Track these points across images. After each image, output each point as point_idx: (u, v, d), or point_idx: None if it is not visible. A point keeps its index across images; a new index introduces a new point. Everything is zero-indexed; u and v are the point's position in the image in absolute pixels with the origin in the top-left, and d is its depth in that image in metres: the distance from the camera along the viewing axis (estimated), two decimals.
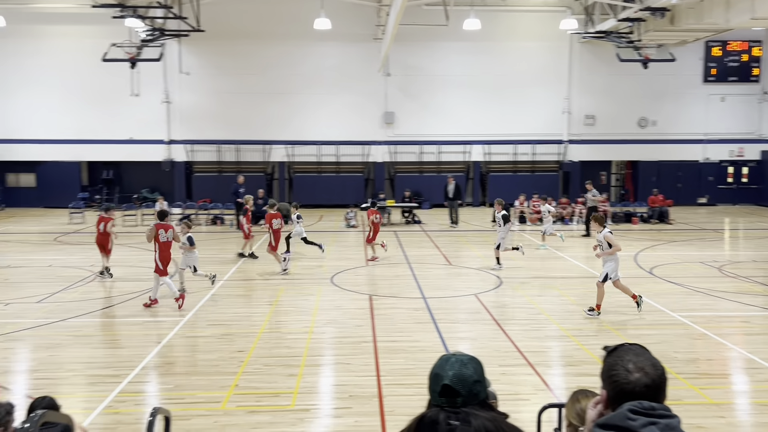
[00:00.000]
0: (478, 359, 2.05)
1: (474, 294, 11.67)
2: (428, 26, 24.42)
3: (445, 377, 1.93)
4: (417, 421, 1.87)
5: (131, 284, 12.48)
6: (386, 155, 27.24)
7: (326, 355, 8.50)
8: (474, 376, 1.96)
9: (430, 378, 1.96)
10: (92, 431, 5.95)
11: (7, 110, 25.96)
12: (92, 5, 19.57)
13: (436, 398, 1.93)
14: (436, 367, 1.98)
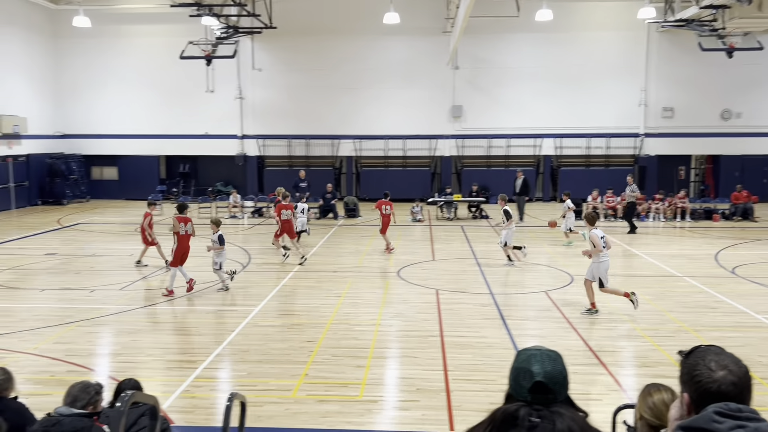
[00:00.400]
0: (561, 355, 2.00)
1: (544, 291, 11.45)
2: (498, 18, 24.06)
3: (537, 373, 1.86)
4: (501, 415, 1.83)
5: (206, 274, 12.93)
6: (453, 149, 27.06)
7: (393, 347, 8.55)
8: (563, 372, 1.91)
9: (518, 373, 1.90)
10: (170, 414, 6.22)
11: (92, 107, 27.39)
12: (171, 5, 20.33)
13: (523, 394, 1.87)
14: (522, 361, 1.93)
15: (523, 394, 1.88)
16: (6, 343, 8.52)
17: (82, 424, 3.52)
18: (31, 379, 7.12)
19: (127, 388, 3.87)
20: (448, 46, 25.29)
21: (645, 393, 3.31)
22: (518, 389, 1.89)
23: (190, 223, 11.50)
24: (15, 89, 24.49)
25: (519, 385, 1.89)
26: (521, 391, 1.88)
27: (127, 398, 2.37)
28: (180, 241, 11.35)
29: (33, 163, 25.37)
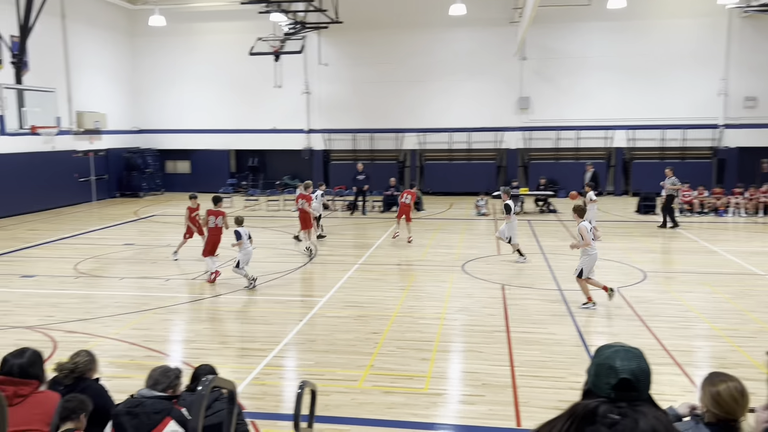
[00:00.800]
0: None
1: (614, 287, 11.09)
2: (568, 6, 23.47)
3: (621, 370, 1.80)
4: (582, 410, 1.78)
5: (276, 265, 13.26)
6: (520, 142, 26.58)
7: (458, 341, 8.50)
8: (648, 370, 1.84)
9: (600, 369, 1.84)
10: (241, 400, 6.41)
11: (166, 103, 28.47)
12: (241, 2, 20.87)
13: (606, 391, 1.82)
14: (605, 358, 1.86)
15: (605, 391, 1.82)
16: (89, 328, 9.00)
17: (163, 406, 3.68)
18: (113, 363, 7.48)
19: (203, 374, 4.02)
20: (516, 37, 24.82)
21: (708, 383, 3.19)
22: (600, 386, 1.83)
23: (221, 216, 11.75)
24: (96, 87, 25.74)
25: (601, 382, 1.83)
26: (604, 388, 1.82)
27: (208, 382, 2.46)
28: (209, 232, 11.81)
29: (112, 157, 26.62)
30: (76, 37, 24.29)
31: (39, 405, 3.58)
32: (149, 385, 3.93)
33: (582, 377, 1.93)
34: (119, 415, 3.66)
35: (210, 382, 2.48)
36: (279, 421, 6.08)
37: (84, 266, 13.24)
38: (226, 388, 2.84)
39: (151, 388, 3.89)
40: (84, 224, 19.38)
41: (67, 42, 23.80)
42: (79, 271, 12.82)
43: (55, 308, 10.06)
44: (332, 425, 5.95)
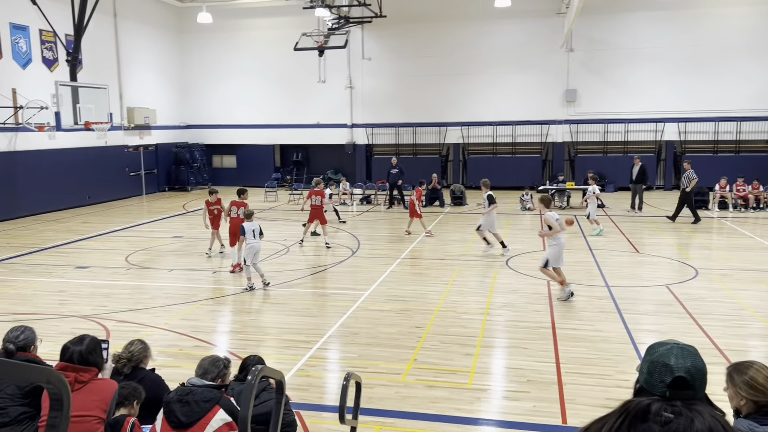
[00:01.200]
0: None
1: (664, 284, 10.82)
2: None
3: (677, 368, 1.76)
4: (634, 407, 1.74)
5: (320, 258, 13.39)
6: (567, 135, 26.12)
7: (502, 337, 8.43)
8: (704, 368, 1.79)
9: (654, 367, 1.80)
10: (287, 391, 6.50)
11: (213, 98, 29.01)
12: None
13: (660, 389, 1.77)
14: (658, 355, 1.82)
15: (659, 390, 1.77)
16: (140, 318, 9.27)
17: (212, 395, 3.76)
18: (163, 352, 7.69)
19: (252, 364, 4.10)
20: (562, 28, 24.37)
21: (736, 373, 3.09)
22: (654, 384, 1.79)
23: (243, 207, 12.15)
24: (145, 83, 26.42)
25: (655, 380, 1.79)
26: (658, 386, 1.78)
27: (258, 372, 2.50)
28: (231, 223, 12.35)
29: (161, 152, 27.30)
30: (127, 35, 24.97)
31: (97, 391, 3.71)
32: (199, 374, 4.03)
33: (630, 375, 1.89)
34: (170, 402, 3.76)
35: (259, 371, 2.53)
36: (323, 413, 6.14)
37: (134, 258, 13.64)
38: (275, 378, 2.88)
39: (200, 377, 3.99)
40: (134, 217, 19.96)
41: (119, 40, 24.49)
42: (130, 262, 13.21)
43: (107, 298, 10.40)
44: (376, 418, 5.98)
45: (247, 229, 10.71)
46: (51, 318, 9.33)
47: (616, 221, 17.97)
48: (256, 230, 10.72)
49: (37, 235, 16.60)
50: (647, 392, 1.79)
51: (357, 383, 4.45)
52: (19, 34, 19.70)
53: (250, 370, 2.59)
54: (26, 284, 11.40)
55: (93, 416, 3.63)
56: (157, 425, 3.84)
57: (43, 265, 12.96)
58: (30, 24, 19.80)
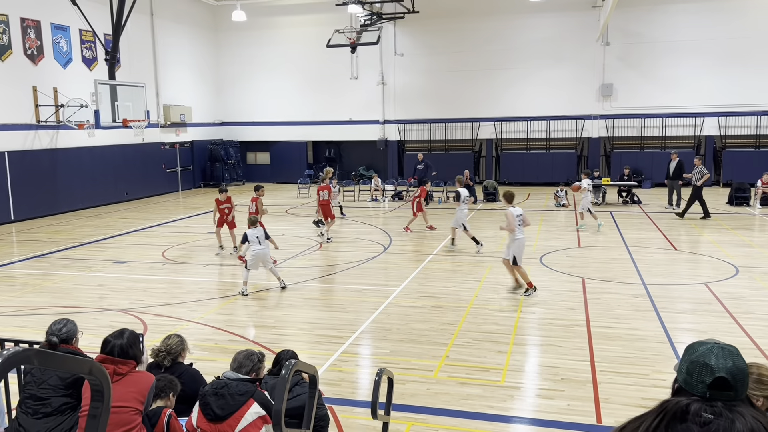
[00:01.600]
0: None
1: (703, 283, 10.58)
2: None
3: (717, 369, 1.71)
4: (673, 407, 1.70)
5: (352, 254, 13.45)
6: (602, 130, 25.69)
7: (536, 335, 8.34)
8: (745, 369, 1.74)
9: (693, 367, 1.75)
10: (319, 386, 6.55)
11: (247, 96, 29.34)
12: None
13: (700, 389, 1.73)
14: (698, 355, 1.78)
15: (699, 390, 1.73)
16: (176, 312, 9.44)
17: (247, 388, 3.82)
18: (198, 346, 7.82)
19: (285, 358, 4.14)
20: (598, 22, 23.97)
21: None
22: (693, 384, 1.74)
23: (254, 202, 13.05)
24: (181, 81, 26.86)
25: (694, 380, 1.75)
26: (698, 386, 1.74)
27: (291, 366, 2.52)
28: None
29: (196, 149, 27.73)
30: (163, 34, 25.40)
31: (135, 383, 3.80)
32: (234, 368, 4.08)
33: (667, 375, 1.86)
34: (206, 395, 3.83)
35: (293, 366, 2.55)
36: (356, 408, 6.17)
37: (171, 253, 13.89)
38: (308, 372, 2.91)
39: (235, 371, 4.04)
40: (171, 213, 20.32)
41: (155, 38, 24.93)
42: (166, 257, 13.47)
43: (144, 293, 10.61)
44: (408, 414, 5.98)
45: (251, 237, 10.45)
46: (90, 311, 9.57)
47: (653, 218, 17.61)
48: (260, 236, 10.47)
49: (77, 231, 17.04)
50: (686, 392, 1.75)
51: (389, 379, 4.45)
52: (60, 34, 20.23)
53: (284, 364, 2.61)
54: (67, 278, 11.72)
55: (130, 407, 3.71)
56: (193, 417, 3.91)
57: (82, 260, 13.30)
58: (70, 24, 20.31)
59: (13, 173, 18.36)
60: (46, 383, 3.95)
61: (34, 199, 19.12)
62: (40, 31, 19.38)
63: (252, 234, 10.47)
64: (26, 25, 18.90)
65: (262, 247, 10.45)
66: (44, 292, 10.73)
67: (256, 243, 10.42)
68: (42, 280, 11.62)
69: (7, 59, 18.26)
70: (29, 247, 14.80)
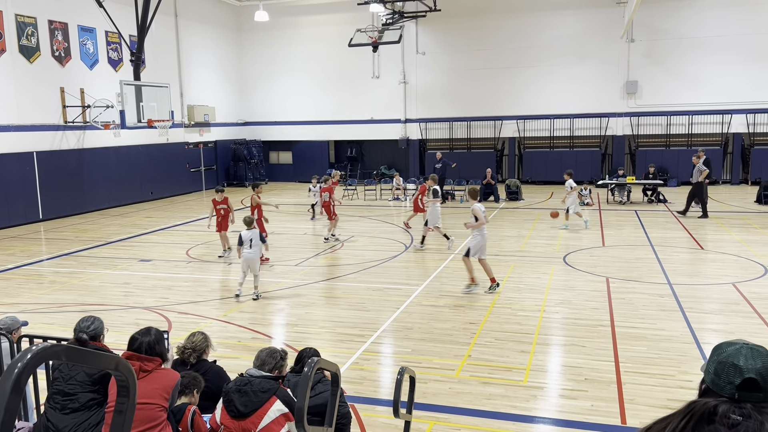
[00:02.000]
0: None
1: (731, 282, 10.39)
2: None
3: (747, 369, 1.67)
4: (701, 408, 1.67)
5: (373, 253, 13.46)
6: (627, 128, 25.37)
7: (559, 335, 8.27)
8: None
9: (721, 367, 1.72)
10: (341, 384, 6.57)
11: (269, 95, 29.52)
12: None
13: (729, 390, 1.70)
14: (727, 355, 1.74)
15: (727, 391, 1.69)
16: (200, 310, 9.54)
17: (269, 386, 3.84)
18: (222, 344, 7.89)
19: (308, 356, 4.16)
20: (622, 18, 23.66)
21: None
22: (721, 385, 1.71)
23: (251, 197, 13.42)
24: (205, 81, 27.13)
25: (722, 381, 1.71)
26: (726, 387, 1.70)
27: (313, 364, 2.53)
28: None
29: (220, 149, 28.00)
30: (187, 35, 25.68)
31: (160, 380, 3.85)
32: (257, 365, 4.12)
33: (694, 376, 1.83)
34: (229, 392, 3.86)
35: (316, 363, 2.56)
36: (377, 406, 6.18)
37: (195, 252, 14.04)
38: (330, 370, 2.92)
39: (258, 368, 4.08)
40: (194, 212, 20.54)
41: (180, 39, 25.21)
42: (190, 256, 13.62)
43: (169, 291, 10.74)
44: (430, 413, 5.97)
45: (245, 239, 10.00)
46: (116, 309, 9.72)
47: (679, 217, 17.34)
48: (254, 239, 10.01)
49: (103, 229, 17.31)
50: (714, 394, 1.72)
51: (411, 378, 4.45)
52: (87, 36, 20.56)
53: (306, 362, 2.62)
54: (93, 276, 11.91)
55: (156, 404, 3.76)
56: (216, 414, 3.95)
57: (108, 258, 13.51)
58: (97, 26, 20.63)
59: (41, 173, 18.72)
60: (74, 379, 4.02)
61: (61, 198, 19.47)
62: (67, 33, 19.73)
63: (246, 236, 10.04)
64: (54, 27, 19.25)
65: (252, 251, 9.99)
66: (71, 290, 10.92)
67: (247, 245, 9.98)
68: (69, 278, 11.83)
69: (35, 61, 18.62)
70: (57, 246, 15.08)
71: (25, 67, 18.30)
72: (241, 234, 10.18)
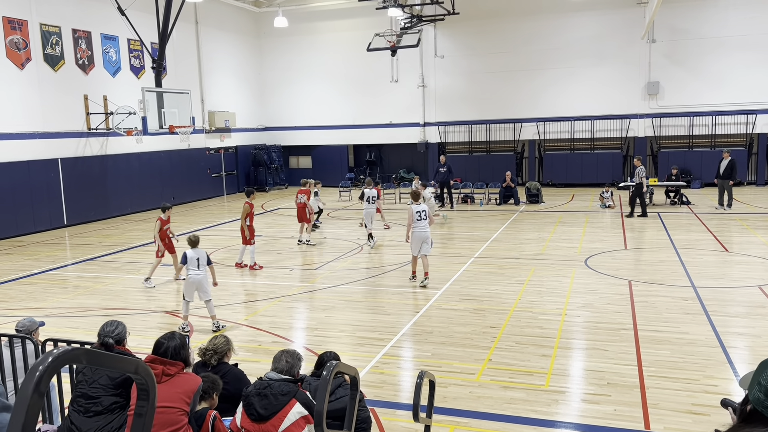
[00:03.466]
0: None
1: (757, 285, 10.20)
2: None
3: None
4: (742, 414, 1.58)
5: (392, 257, 13.46)
6: (649, 129, 25.07)
7: (581, 338, 8.18)
8: None
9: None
10: (361, 388, 6.56)
11: (289, 100, 29.70)
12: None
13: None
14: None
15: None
16: (222, 314, 9.60)
17: (289, 389, 3.85)
18: (243, 347, 7.94)
19: (328, 360, 4.17)
20: (643, 19, 23.42)
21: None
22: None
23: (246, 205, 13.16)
24: (225, 87, 27.38)
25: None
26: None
27: (332, 368, 2.54)
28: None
29: (240, 154, 28.22)
30: (208, 41, 25.95)
31: (182, 385, 3.88)
32: (275, 368, 4.13)
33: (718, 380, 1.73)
34: (249, 395, 3.88)
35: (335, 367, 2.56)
36: (397, 410, 6.16)
37: (216, 256, 14.15)
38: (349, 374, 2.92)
39: (276, 371, 4.09)
40: (216, 217, 20.72)
41: (200, 46, 25.49)
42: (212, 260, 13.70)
43: None
44: (450, 417, 5.94)
45: (190, 258, 8.78)
46: (139, 313, 9.83)
47: (702, 219, 17.09)
48: (201, 258, 8.84)
49: (126, 234, 17.53)
50: (761, 417, 1.57)
51: (431, 382, 4.43)
52: (110, 44, 20.88)
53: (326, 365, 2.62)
54: (116, 281, 12.07)
55: (177, 408, 3.79)
56: (237, 418, 3.97)
57: (131, 263, 13.68)
58: (119, 34, 20.95)
59: (65, 179, 19.03)
60: (97, 382, 4.07)
61: (85, 204, 19.77)
62: (90, 42, 20.06)
63: (192, 255, 8.82)
64: (78, 36, 19.59)
65: (200, 272, 8.79)
66: (95, 294, 11.07)
67: (194, 266, 8.79)
68: (93, 282, 12.00)
69: (59, 69, 18.95)
70: (81, 251, 15.31)
71: (50, 76, 18.64)
72: (186, 253, 8.91)
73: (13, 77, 17.57)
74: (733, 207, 18.58)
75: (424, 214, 10.96)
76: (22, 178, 17.73)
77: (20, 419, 1.28)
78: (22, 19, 17.74)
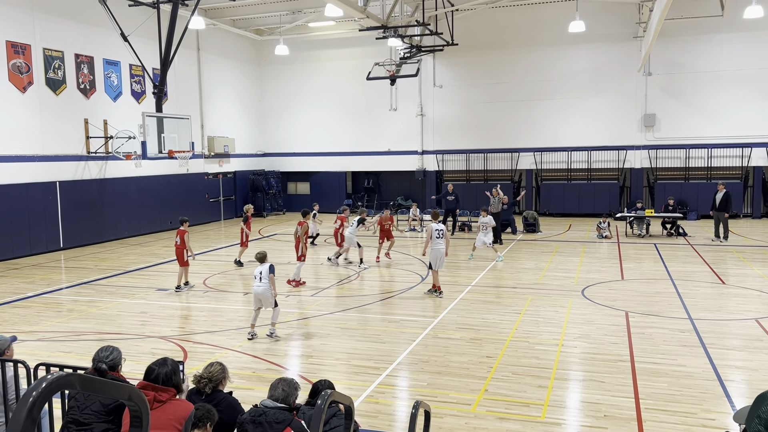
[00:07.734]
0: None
1: (754, 318, 10.18)
2: (698, 18, 22.20)
3: None
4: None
5: (389, 284, 13.41)
6: (645, 161, 25.25)
7: (578, 370, 8.12)
8: None
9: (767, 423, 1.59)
10: (355, 417, 6.49)
11: (288, 127, 29.91)
12: (359, 29, 21.58)
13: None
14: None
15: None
16: (216, 340, 9.53)
17: (284, 417, 3.81)
18: (236, 374, 7.86)
19: (323, 389, 4.13)
20: (640, 52, 23.78)
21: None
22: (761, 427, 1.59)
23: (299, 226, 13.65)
24: (226, 113, 27.57)
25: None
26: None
27: (327, 396, 2.52)
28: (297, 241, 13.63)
29: (239, 180, 28.28)
30: (209, 68, 26.21)
31: (174, 411, 3.84)
32: (271, 396, 4.09)
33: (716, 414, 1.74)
34: (244, 423, 3.84)
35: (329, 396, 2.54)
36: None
37: (212, 281, 14.10)
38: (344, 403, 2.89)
39: (273, 399, 4.05)
40: (213, 242, 20.68)
41: (201, 72, 25.74)
42: (207, 285, 13.66)
43: (185, 320, 10.77)
44: None
45: (255, 273, 9.71)
46: (132, 338, 9.75)
47: (699, 250, 17.12)
48: (264, 272, 9.59)
49: (121, 258, 17.47)
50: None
51: (426, 412, 4.39)
52: (112, 68, 21.09)
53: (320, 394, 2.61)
54: (111, 305, 11.99)
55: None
56: None
57: (126, 287, 13.61)
58: (121, 59, 21.17)
59: (63, 202, 19.03)
60: (89, 408, 4.03)
61: (82, 227, 19.73)
62: (92, 67, 20.25)
63: (256, 271, 9.74)
64: (80, 60, 19.78)
65: (261, 284, 9.59)
66: (89, 319, 10.99)
67: (257, 280, 9.70)
68: (87, 306, 11.92)
69: (61, 93, 19.09)
70: (76, 274, 15.24)
71: (51, 99, 18.77)
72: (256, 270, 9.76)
73: (15, 100, 17.69)
74: (729, 239, 18.64)
75: (441, 233, 12.10)
76: (20, 200, 17.74)
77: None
78: (26, 43, 17.93)
